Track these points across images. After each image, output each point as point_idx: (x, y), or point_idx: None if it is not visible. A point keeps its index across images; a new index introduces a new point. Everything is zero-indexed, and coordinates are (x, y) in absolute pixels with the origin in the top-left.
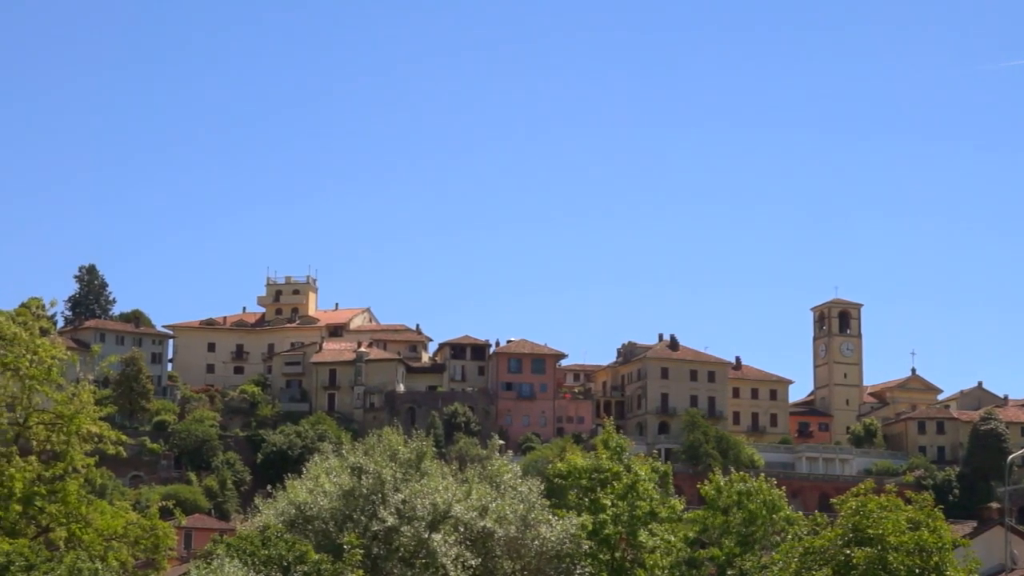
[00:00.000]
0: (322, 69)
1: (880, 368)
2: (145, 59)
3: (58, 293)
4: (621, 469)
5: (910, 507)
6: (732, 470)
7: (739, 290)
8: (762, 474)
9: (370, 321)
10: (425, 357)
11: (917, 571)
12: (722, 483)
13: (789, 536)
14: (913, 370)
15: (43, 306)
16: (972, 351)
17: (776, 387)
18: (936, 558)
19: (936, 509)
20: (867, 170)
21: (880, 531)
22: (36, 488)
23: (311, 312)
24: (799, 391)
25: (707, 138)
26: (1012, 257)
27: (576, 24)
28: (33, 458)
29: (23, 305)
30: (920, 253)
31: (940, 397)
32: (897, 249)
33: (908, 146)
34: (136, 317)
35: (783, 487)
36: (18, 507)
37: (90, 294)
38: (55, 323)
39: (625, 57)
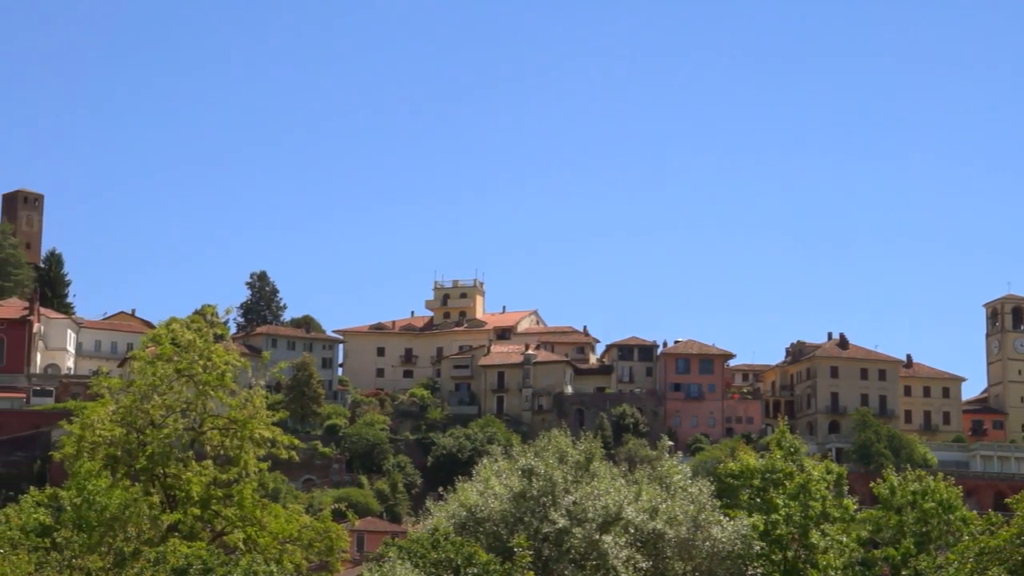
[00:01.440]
0: (490, 69)
1: None
2: (312, 74)
3: (230, 300)
4: (794, 469)
5: None
6: (908, 468)
7: (910, 287)
8: (939, 472)
9: (537, 323)
10: (593, 359)
11: None
12: (896, 482)
13: (964, 536)
14: None
15: (216, 313)
16: None
17: (948, 384)
18: None
19: None
20: None
21: None
22: (212, 492)
23: (479, 315)
24: (972, 388)
25: (878, 135)
26: None
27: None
28: (209, 462)
29: (197, 312)
30: None
31: None
32: None
33: None
34: (306, 323)
35: (958, 486)
36: (196, 511)
37: (261, 300)
38: (228, 329)
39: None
